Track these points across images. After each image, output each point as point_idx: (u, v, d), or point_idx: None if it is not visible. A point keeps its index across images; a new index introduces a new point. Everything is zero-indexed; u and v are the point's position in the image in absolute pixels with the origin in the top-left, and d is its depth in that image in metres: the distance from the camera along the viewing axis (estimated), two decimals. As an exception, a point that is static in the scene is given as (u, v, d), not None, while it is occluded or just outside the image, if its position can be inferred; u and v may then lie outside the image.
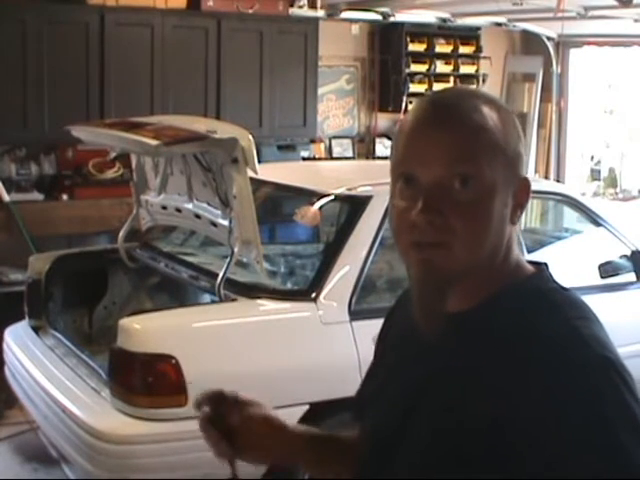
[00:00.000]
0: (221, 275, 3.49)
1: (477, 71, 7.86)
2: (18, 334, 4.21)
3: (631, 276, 4.30)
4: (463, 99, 1.24)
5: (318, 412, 3.36)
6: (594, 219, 4.36)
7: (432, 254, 1.18)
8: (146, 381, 3.25)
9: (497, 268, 1.23)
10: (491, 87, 7.83)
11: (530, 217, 6.13)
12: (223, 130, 3.57)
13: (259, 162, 3.51)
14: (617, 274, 4.29)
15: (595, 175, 8.76)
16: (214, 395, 1.38)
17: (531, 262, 1.30)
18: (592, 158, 8.81)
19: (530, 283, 1.25)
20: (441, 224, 1.17)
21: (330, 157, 7.52)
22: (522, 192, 1.25)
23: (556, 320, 1.18)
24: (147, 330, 3.31)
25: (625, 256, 4.33)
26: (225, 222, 3.62)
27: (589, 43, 7.98)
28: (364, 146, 7.81)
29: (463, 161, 1.18)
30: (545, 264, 1.30)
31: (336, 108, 7.68)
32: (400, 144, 1.23)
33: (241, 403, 1.39)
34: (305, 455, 1.43)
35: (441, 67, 7.72)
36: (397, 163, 1.23)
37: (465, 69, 7.82)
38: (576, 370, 1.12)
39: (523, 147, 1.26)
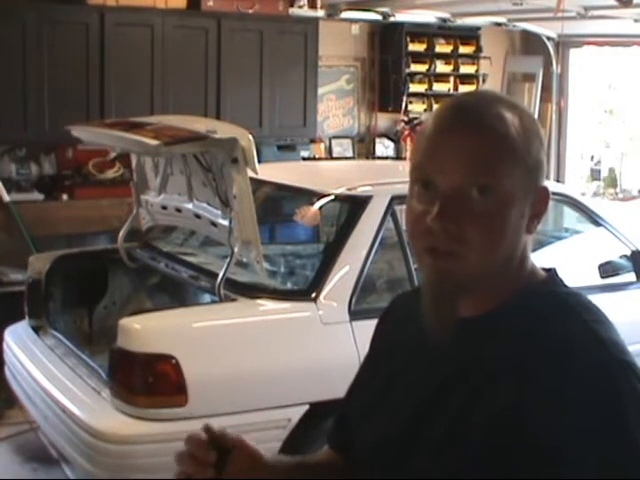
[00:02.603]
0: (221, 275, 3.49)
1: (477, 71, 7.87)
2: (18, 334, 4.21)
3: (631, 276, 4.29)
4: (486, 105, 1.22)
5: (318, 412, 3.36)
6: (594, 219, 4.35)
7: (446, 262, 1.18)
8: (146, 381, 3.24)
9: (512, 275, 1.24)
10: (491, 87, 7.82)
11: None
12: (223, 130, 3.57)
13: (259, 162, 3.51)
14: (617, 274, 4.29)
15: (595, 175, 8.75)
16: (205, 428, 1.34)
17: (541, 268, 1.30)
18: (592, 158, 8.81)
19: (544, 287, 1.25)
20: (456, 232, 1.16)
21: (330, 157, 7.52)
22: (540, 202, 1.24)
23: (573, 323, 1.18)
24: (147, 330, 3.31)
25: (625, 256, 4.32)
26: (225, 222, 3.62)
27: (589, 43, 7.98)
28: (364, 146, 7.81)
29: (483, 171, 1.17)
30: (554, 269, 1.30)
31: (336, 108, 7.67)
32: (421, 146, 1.22)
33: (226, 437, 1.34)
34: None
35: (441, 67, 7.72)
36: (416, 166, 1.22)
37: (465, 69, 7.82)
38: (596, 373, 1.12)
39: (544, 155, 1.25)
